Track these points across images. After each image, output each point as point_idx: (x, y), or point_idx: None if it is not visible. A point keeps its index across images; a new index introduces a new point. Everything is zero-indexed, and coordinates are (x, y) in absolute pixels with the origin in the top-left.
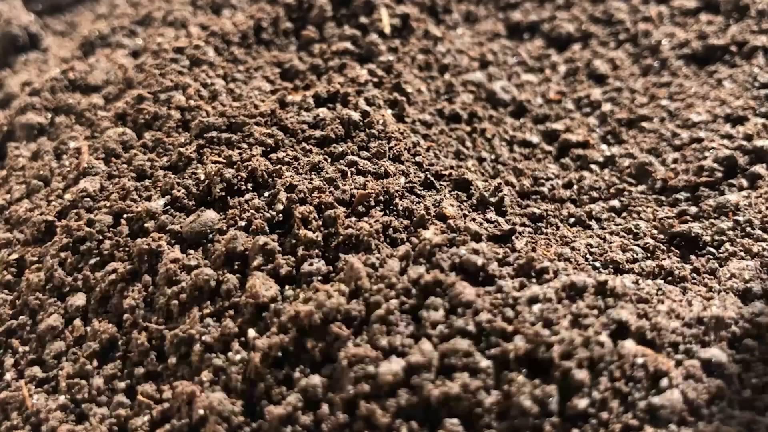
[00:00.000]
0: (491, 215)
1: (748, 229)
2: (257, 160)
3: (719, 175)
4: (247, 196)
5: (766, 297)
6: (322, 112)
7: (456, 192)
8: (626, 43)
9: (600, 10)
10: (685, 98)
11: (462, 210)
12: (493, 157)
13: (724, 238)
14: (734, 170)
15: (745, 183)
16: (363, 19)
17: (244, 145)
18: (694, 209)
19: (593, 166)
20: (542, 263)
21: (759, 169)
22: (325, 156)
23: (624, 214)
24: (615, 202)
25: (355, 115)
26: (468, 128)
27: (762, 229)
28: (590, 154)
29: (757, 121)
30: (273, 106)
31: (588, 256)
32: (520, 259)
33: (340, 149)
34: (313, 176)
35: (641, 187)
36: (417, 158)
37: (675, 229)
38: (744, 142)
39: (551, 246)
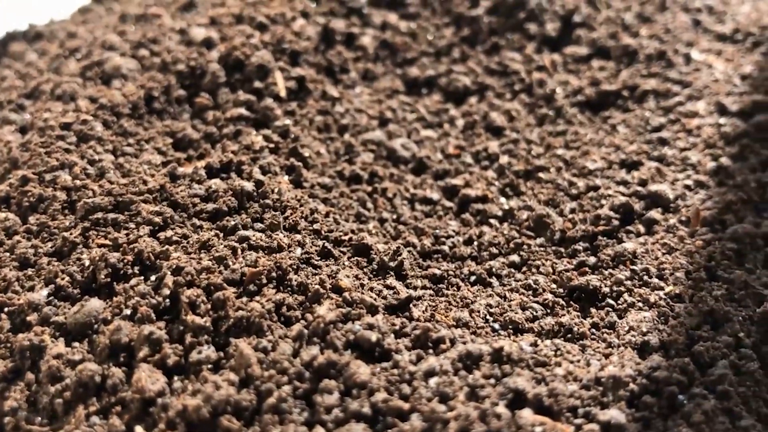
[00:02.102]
0: (391, 280)
1: (645, 277)
2: (144, 241)
3: (616, 223)
4: (133, 281)
5: (663, 349)
6: (215, 183)
7: (356, 258)
8: (521, 93)
9: (495, 61)
10: (581, 146)
11: (359, 279)
12: (394, 217)
13: (622, 288)
14: (631, 216)
15: (642, 229)
16: (257, 84)
17: (132, 225)
18: (592, 259)
19: (492, 221)
20: (439, 333)
21: (654, 214)
22: (217, 231)
23: (524, 269)
24: (515, 257)
25: (249, 186)
26: (369, 188)
27: (659, 277)
28: (489, 209)
29: (651, 165)
30: (162, 181)
31: (488, 317)
32: (417, 329)
33: (233, 223)
34: (202, 255)
35: (540, 240)
36: (315, 225)
37: (574, 282)
38: (639, 188)
39: (450, 310)
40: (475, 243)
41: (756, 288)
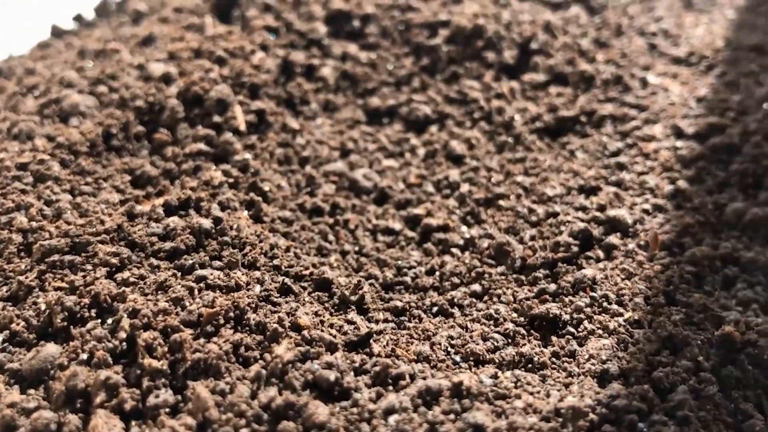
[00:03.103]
0: (352, 315)
1: (605, 304)
2: (100, 283)
3: (575, 249)
4: (90, 324)
5: (623, 376)
6: (173, 221)
7: (316, 293)
8: (481, 121)
9: (454, 89)
10: (540, 172)
11: (320, 315)
12: (356, 248)
13: (582, 315)
14: (590, 242)
15: (601, 254)
16: (217, 118)
17: (88, 267)
18: (553, 287)
19: (454, 250)
20: (398, 368)
21: (613, 239)
22: (175, 271)
23: (485, 298)
24: (476, 287)
25: (207, 223)
26: (331, 221)
27: (618, 303)
28: (451, 238)
29: (609, 190)
30: (120, 220)
31: (449, 349)
32: (377, 365)
33: (191, 261)
34: (159, 296)
35: (500, 268)
36: (275, 261)
37: (534, 311)
38: (598, 213)
39: (412, 343)
40: (437, 273)
41: (714, 310)
